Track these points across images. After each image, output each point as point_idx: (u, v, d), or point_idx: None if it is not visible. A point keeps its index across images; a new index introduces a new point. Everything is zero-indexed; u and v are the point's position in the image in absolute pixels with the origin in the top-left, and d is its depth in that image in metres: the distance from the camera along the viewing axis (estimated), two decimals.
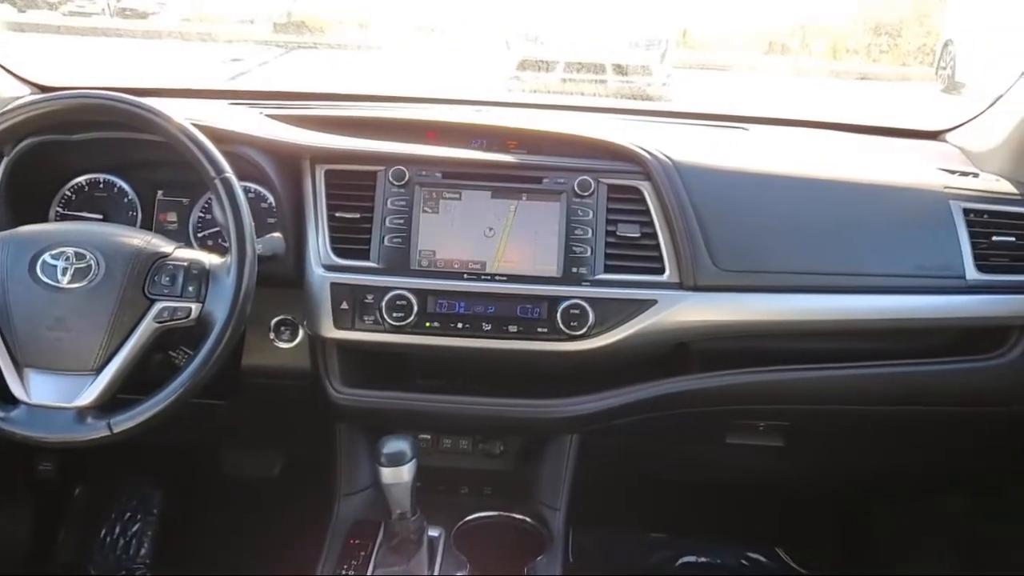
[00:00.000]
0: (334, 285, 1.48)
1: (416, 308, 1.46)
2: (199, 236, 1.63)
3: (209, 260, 1.34)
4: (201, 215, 1.62)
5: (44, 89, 1.85)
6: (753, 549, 2.32)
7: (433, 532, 1.51)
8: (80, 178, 1.63)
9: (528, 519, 1.61)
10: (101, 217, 1.62)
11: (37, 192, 1.62)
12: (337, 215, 1.52)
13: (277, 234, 1.45)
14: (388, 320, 1.46)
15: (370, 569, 1.45)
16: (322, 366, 1.59)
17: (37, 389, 1.25)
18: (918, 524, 2.11)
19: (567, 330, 1.46)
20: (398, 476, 1.34)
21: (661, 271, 1.49)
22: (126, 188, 1.63)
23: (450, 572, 1.46)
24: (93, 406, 1.25)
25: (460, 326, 1.48)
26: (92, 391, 1.25)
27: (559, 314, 1.46)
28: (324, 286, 1.49)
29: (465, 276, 1.49)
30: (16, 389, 1.25)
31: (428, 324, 1.48)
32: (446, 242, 1.51)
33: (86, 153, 1.59)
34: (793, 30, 6.24)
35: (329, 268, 1.50)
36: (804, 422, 1.74)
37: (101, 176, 1.63)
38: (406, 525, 1.41)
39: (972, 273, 1.53)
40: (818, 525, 2.32)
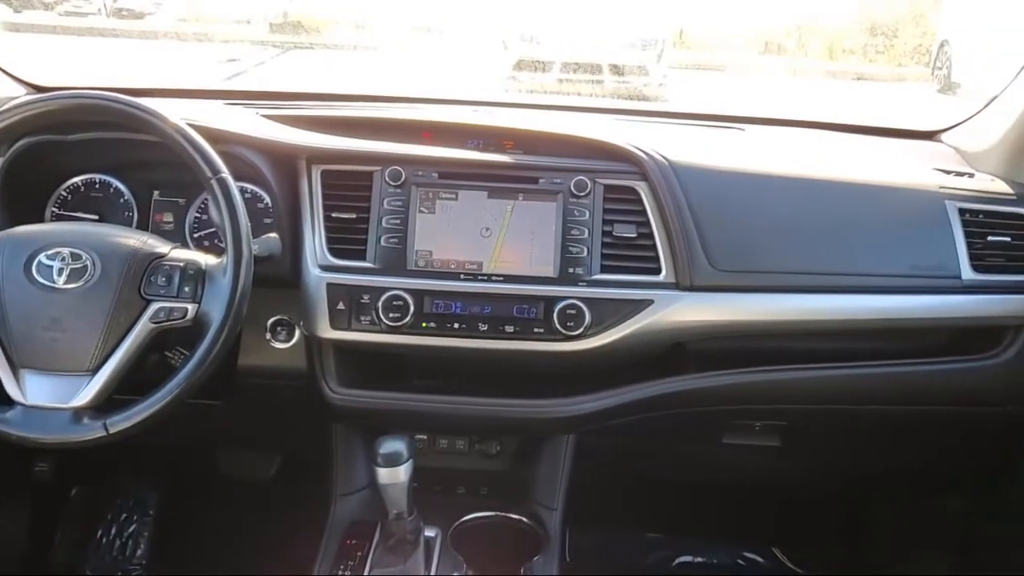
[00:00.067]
0: (330, 285, 1.48)
1: (412, 308, 1.46)
2: (195, 236, 1.63)
3: (205, 260, 1.34)
4: (197, 215, 1.62)
5: (40, 89, 1.85)
6: (750, 549, 2.32)
7: (430, 532, 1.50)
8: (76, 178, 1.63)
9: (525, 519, 1.61)
10: (97, 217, 1.62)
11: (33, 192, 1.61)
12: (333, 215, 1.52)
13: (273, 234, 1.45)
14: (384, 320, 1.46)
15: (367, 569, 1.45)
16: (318, 366, 1.59)
17: (33, 390, 1.24)
18: (915, 524, 2.11)
19: (563, 330, 1.46)
20: (394, 476, 1.34)
21: (657, 271, 1.49)
22: (122, 188, 1.63)
23: (447, 572, 1.46)
24: (89, 407, 1.24)
25: (456, 326, 1.48)
26: (88, 392, 1.24)
27: (555, 314, 1.46)
28: (320, 286, 1.48)
29: (462, 276, 1.49)
30: (12, 390, 1.25)
31: (424, 324, 1.48)
32: (442, 242, 1.50)
33: (82, 153, 1.59)
34: (789, 30, 6.25)
35: (325, 268, 1.49)
36: (801, 422, 1.74)
37: (97, 176, 1.63)
38: (403, 525, 1.41)
39: (968, 273, 1.53)
40: (815, 525, 2.32)
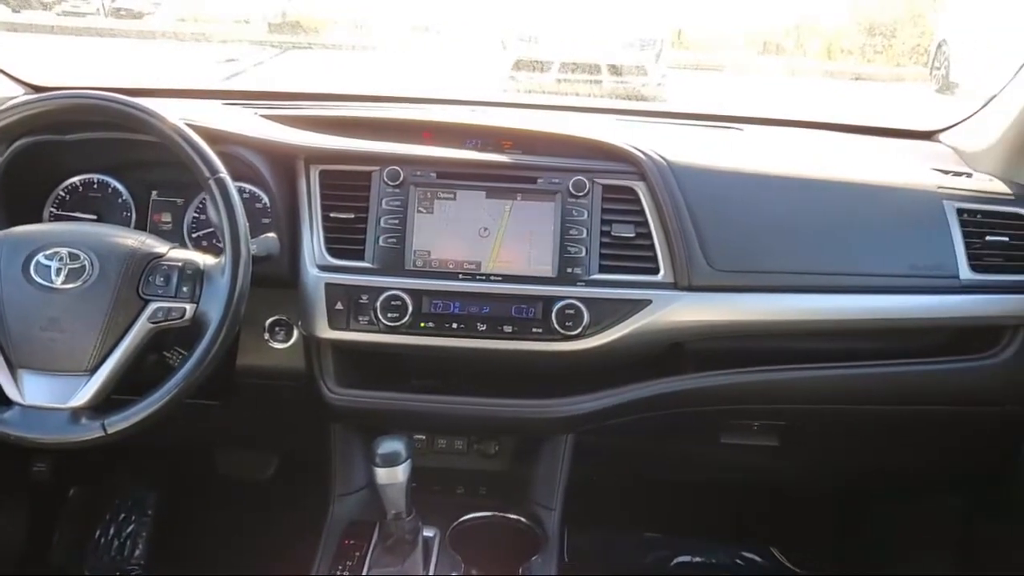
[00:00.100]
0: (329, 285, 1.48)
1: (411, 308, 1.46)
2: (193, 236, 1.63)
3: (203, 260, 1.34)
4: (195, 215, 1.62)
5: (38, 89, 1.85)
6: (748, 548, 2.32)
7: (428, 532, 1.50)
8: (74, 178, 1.63)
9: (523, 519, 1.61)
10: (95, 217, 1.62)
11: (31, 192, 1.61)
12: (332, 215, 1.52)
13: (272, 234, 1.45)
14: (383, 320, 1.46)
15: (365, 569, 1.45)
16: (317, 366, 1.59)
17: (31, 390, 1.24)
18: (913, 523, 2.11)
19: (562, 330, 1.46)
20: (393, 476, 1.34)
21: (656, 271, 1.49)
22: (120, 188, 1.63)
23: (445, 572, 1.46)
24: (87, 407, 1.24)
25: (455, 326, 1.48)
26: (86, 392, 1.24)
27: (554, 314, 1.46)
28: (319, 286, 1.48)
29: (460, 276, 1.49)
30: (10, 390, 1.24)
31: (423, 324, 1.48)
32: (441, 242, 1.50)
33: (80, 153, 1.59)
34: (788, 30, 6.25)
35: (324, 268, 1.49)
36: (799, 422, 1.74)
37: (95, 176, 1.63)
38: (401, 525, 1.41)
39: (966, 273, 1.53)
40: (813, 524, 2.32)
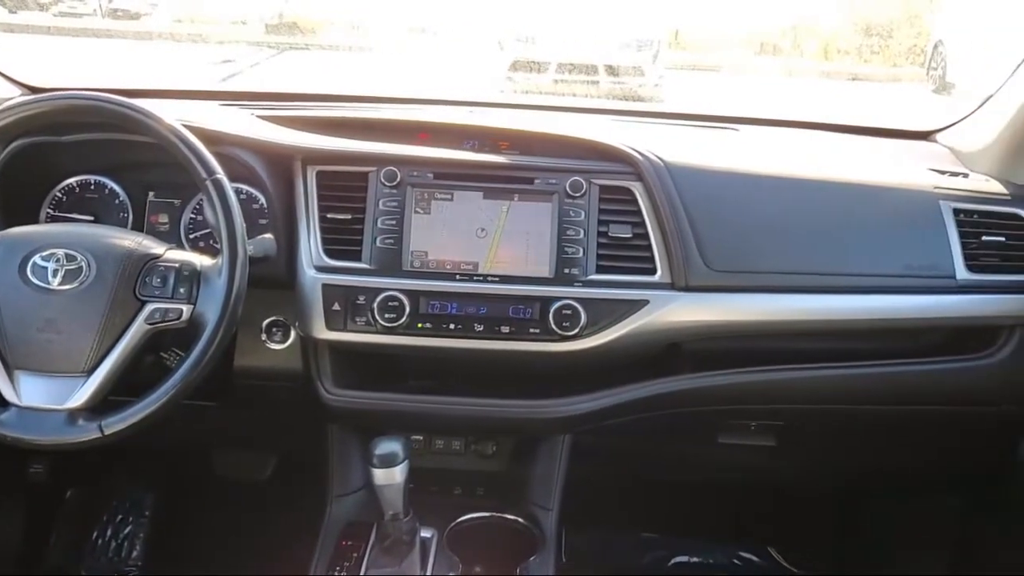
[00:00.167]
0: (326, 286, 1.48)
1: (408, 309, 1.46)
2: (190, 237, 1.63)
3: (200, 261, 1.34)
4: (192, 216, 1.62)
5: (35, 90, 1.84)
6: (746, 548, 2.32)
7: (426, 533, 1.50)
8: (71, 179, 1.63)
9: (521, 520, 1.61)
10: (92, 219, 1.61)
11: (28, 193, 1.61)
12: (329, 216, 1.52)
13: (268, 235, 1.45)
14: (380, 321, 1.46)
15: (362, 570, 1.45)
16: (314, 367, 1.58)
17: (28, 391, 1.24)
18: (910, 523, 2.11)
19: (559, 331, 1.46)
20: (390, 477, 1.34)
21: (653, 271, 1.50)
22: (117, 189, 1.63)
23: (443, 573, 1.46)
24: (84, 408, 1.24)
25: (452, 327, 1.48)
26: (83, 393, 1.24)
27: (551, 315, 1.46)
28: (316, 287, 1.48)
29: (457, 277, 1.49)
30: (6, 391, 1.24)
31: (420, 325, 1.48)
32: (438, 243, 1.50)
33: (77, 154, 1.59)
34: (784, 31, 6.25)
35: (321, 269, 1.49)
36: (796, 422, 1.74)
37: (92, 177, 1.63)
38: (398, 526, 1.41)
39: (962, 273, 1.53)
40: (810, 524, 2.32)
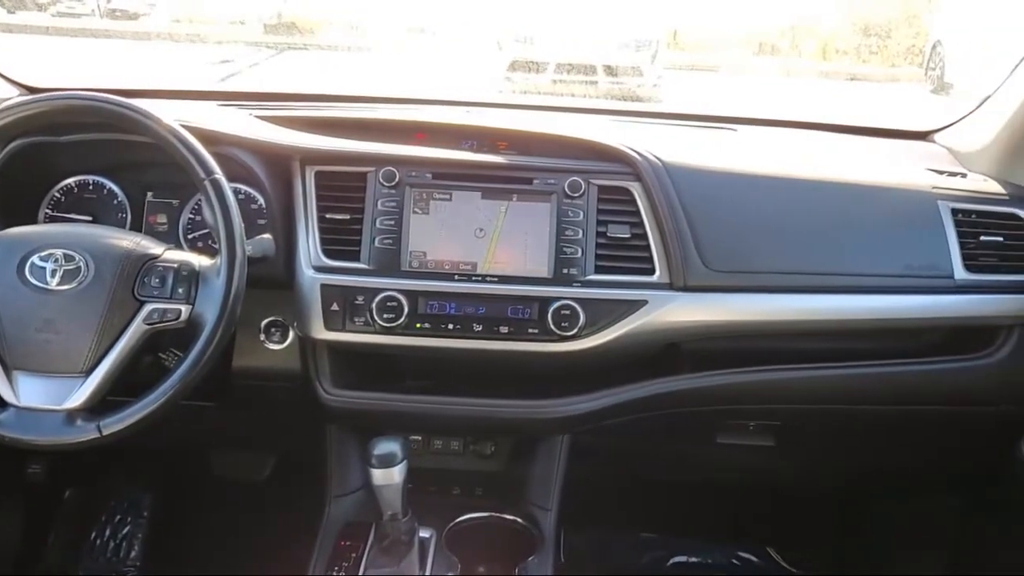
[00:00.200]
0: (324, 286, 1.48)
1: (407, 309, 1.46)
2: (189, 238, 1.63)
3: (199, 262, 1.34)
4: (191, 217, 1.62)
5: (33, 90, 1.84)
6: (744, 548, 2.32)
7: (424, 533, 1.50)
8: (69, 180, 1.62)
9: (519, 520, 1.61)
10: (90, 219, 1.61)
11: (26, 194, 1.61)
12: (327, 216, 1.52)
13: (267, 235, 1.45)
14: (379, 321, 1.46)
15: (361, 570, 1.45)
16: (312, 368, 1.58)
17: (26, 391, 1.24)
18: (909, 523, 2.12)
19: (558, 331, 1.46)
20: (389, 477, 1.34)
21: (651, 271, 1.50)
22: (115, 190, 1.63)
23: (441, 573, 1.46)
24: (82, 408, 1.24)
25: (451, 327, 1.48)
26: (81, 393, 1.24)
27: (550, 315, 1.46)
28: (314, 287, 1.48)
29: (456, 277, 1.49)
30: (5, 392, 1.24)
31: (419, 325, 1.48)
32: (436, 243, 1.50)
33: (75, 155, 1.59)
34: (783, 31, 6.26)
35: (319, 269, 1.49)
36: (795, 422, 1.74)
37: (90, 178, 1.63)
38: (397, 526, 1.41)
39: (960, 273, 1.53)
40: (809, 524, 2.32)
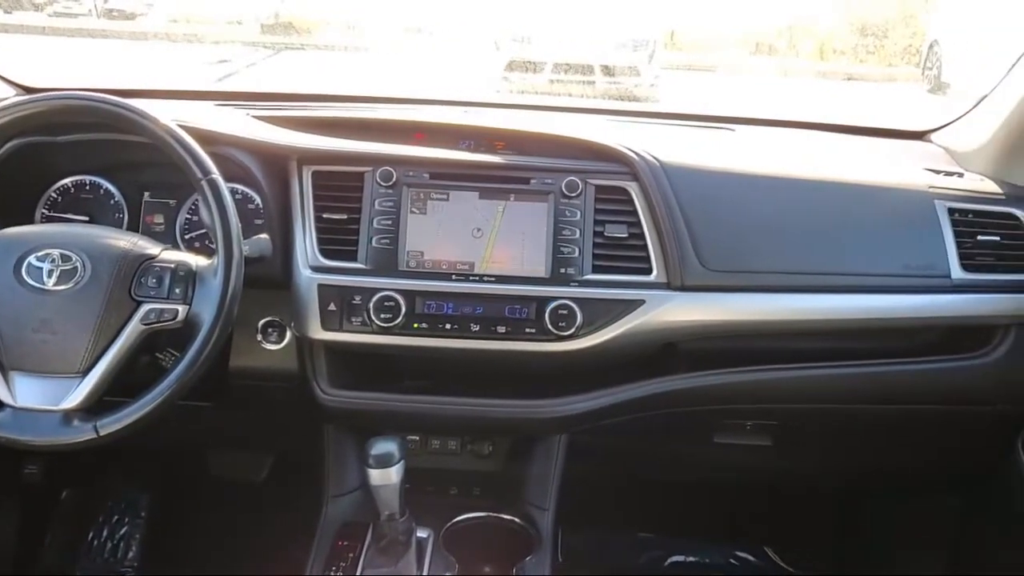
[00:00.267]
0: (321, 286, 1.48)
1: (404, 309, 1.46)
2: (186, 238, 1.62)
3: (196, 262, 1.34)
4: (188, 217, 1.62)
5: (29, 90, 1.84)
6: (742, 548, 2.32)
7: (422, 533, 1.50)
8: (66, 180, 1.62)
9: (517, 519, 1.61)
10: (87, 219, 1.61)
11: (22, 194, 1.61)
12: (324, 216, 1.52)
13: (264, 235, 1.45)
14: (376, 321, 1.46)
15: (359, 570, 1.45)
16: (309, 368, 1.58)
17: (23, 392, 1.24)
18: (906, 523, 2.12)
19: (555, 330, 1.46)
20: (386, 477, 1.34)
21: (649, 271, 1.50)
22: (112, 190, 1.63)
23: (439, 573, 1.46)
24: (79, 409, 1.24)
25: (448, 327, 1.48)
26: (78, 394, 1.24)
27: (547, 314, 1.46)
28: (311, 287, 1.48)
29: (453, 277, 1.49)
30: (1, 392, 1.24)
31: (416, 325, 1.48)
32: (434, 243, 1.50)
33: (72, 155, 1.59)
34: (780, 31, 6.27)
35: (316, 269, 1.49)
36: (792, 421, 1.74)
37: (87, 178, 1.62)
38: (394, 526, 1.41)
39: (957, 272, 1.54)
40: (807, 524, 2.32)
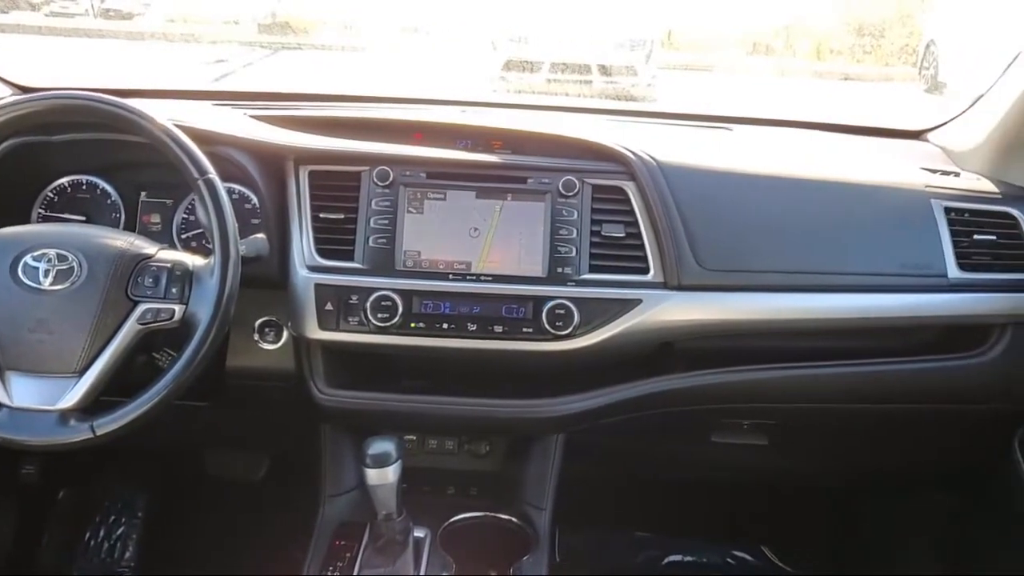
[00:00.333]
0: (318, 286, 1.48)
1: (401, 309, 1.46)
2: (183, 237, 1.62)
3: (192, 261, 1.33)
4: (185, 216, 1.62)
5: (26, 90, 1.84)
6: (739, 547, 2.32)
7: (419, 533, 1.50)
8: (62, 179, 1.62)
9: (514, 519, 1.61)
10: (84, 219, 1.61)
11: (19, 193, 1.61)
12: (321, 216, 1.52)
13: (261, 235, 1.45)
14: (373, 321, 1.46)
15: (356, 570, 1.45)
16: (307, 367, 1.58)
17: (19, 392, 1.24)
18: (903, 522, 2.12)
19: (552, 330, 1.46)
20: (383, 477, 1.34)
21: (646, 271, 1.50)
22: (109, 189, 1.62)
23: (436, 573, 1.46)
24: (76, 408, 1.23)
25: (445, 326, 1.48)
26: (75, 393, 1.23)
27: (544, 314, 1.46)
28: (308, 287, 1.48)
29: (450, 276, 1.49)
30: None
31: (413, 325, 1.48)
32: (431, 242, 1.50)
33: (68, 154, 1.59)
34: (777, 31, 6.27)
35: (313, 269, 1.49)
36: (789, 420, 1.75)
37: (84, 177, 1.62)
38: (392, 526, 1.41)
39: (954, 272, 1.54)
40: (804, 523, 2.33)
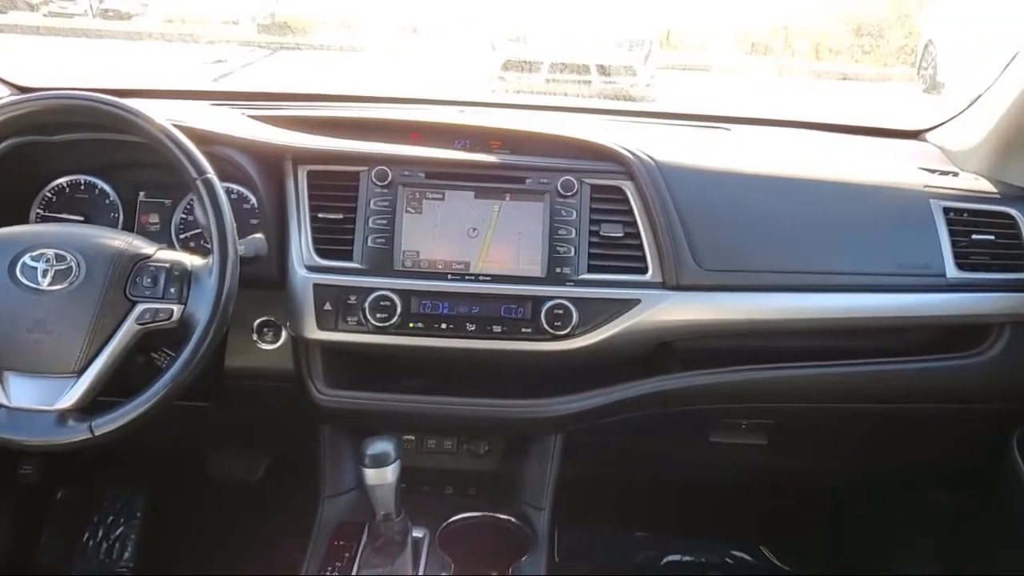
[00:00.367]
0: (317, 286, 1.48)
1: (400, 309, 1.46)
2: (181, 237, 1.62)
3: (191, 261, 1.33)
4: (183, 216, 1.62)
5: (24, 90, 1.83)
6: (738, 547, 2.32)
7: (417, 533, 1.50)
8: (61, 179, 1.62)
9: (513, 519, 1.61)
10: (82, 219, 1.61)
11: (17, 193, 1.61)
12: (320, 216, 1.51)
13: (259, 235, 1.45)
14: (371, 321, 1.46)
15: (354, 570, 1.45)
16: (305, 367, 1.58)
17: (17, 392, 1.24)
18: (902, 522, 2.12)
19: (551, 330, 1.46)
20: (382, 477, 1.34)
21: (644, 271, 1.50)
22: (107, 189, 1.62)
23: (435, 573, 1.46)
24: (74, 409, 1.23)
25: (444, 326, 1.48)
26: (73, 394, 1.23)
27: (543, 314, 1.46)
28: (307, 287, 1.48)
29: (449, 276, 1.49)
30: None
31: (412, 325, 1.48)
32: (429, 242, 1.50)
33: (67, 154, 1.59)
34: (776, 31, 6.28)
35: (312, 269, 1.49)
36: (787, 420, 1.74)
37: (82, 177, 1.62)
38: (390, 526, 1.41)
39: (952, 271, 1.54)
40: (802, 523, 2.32)
